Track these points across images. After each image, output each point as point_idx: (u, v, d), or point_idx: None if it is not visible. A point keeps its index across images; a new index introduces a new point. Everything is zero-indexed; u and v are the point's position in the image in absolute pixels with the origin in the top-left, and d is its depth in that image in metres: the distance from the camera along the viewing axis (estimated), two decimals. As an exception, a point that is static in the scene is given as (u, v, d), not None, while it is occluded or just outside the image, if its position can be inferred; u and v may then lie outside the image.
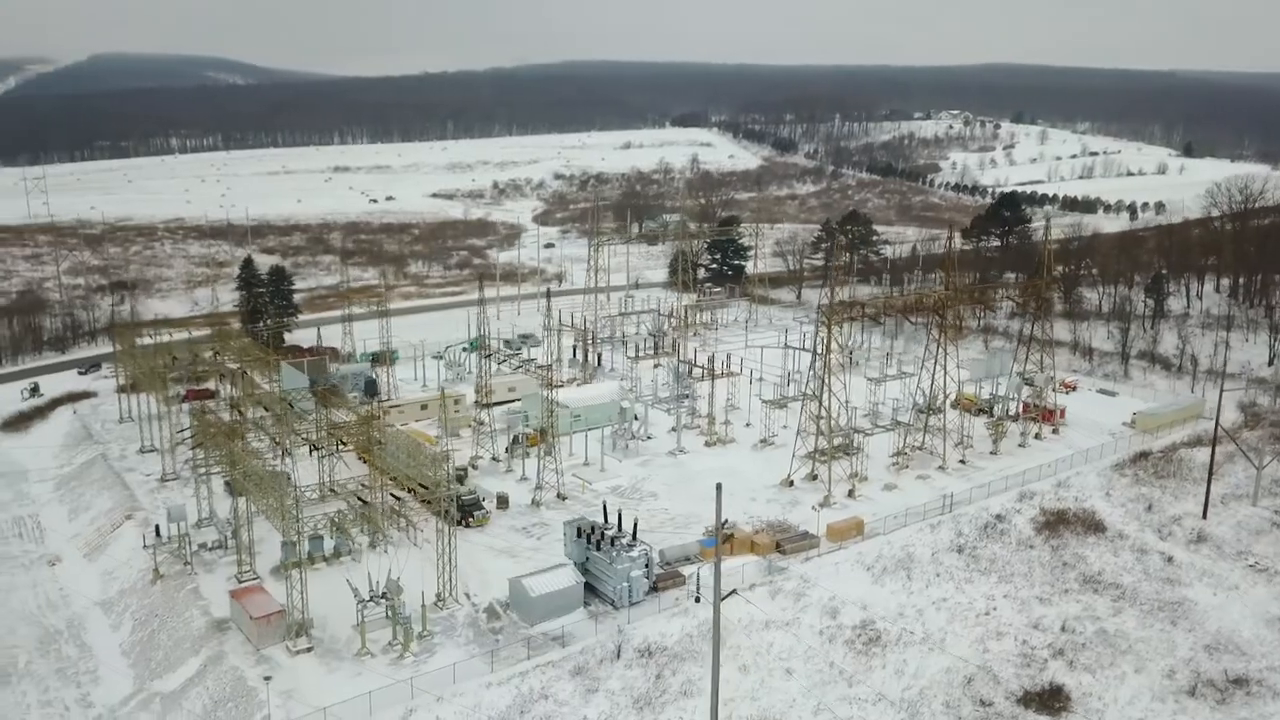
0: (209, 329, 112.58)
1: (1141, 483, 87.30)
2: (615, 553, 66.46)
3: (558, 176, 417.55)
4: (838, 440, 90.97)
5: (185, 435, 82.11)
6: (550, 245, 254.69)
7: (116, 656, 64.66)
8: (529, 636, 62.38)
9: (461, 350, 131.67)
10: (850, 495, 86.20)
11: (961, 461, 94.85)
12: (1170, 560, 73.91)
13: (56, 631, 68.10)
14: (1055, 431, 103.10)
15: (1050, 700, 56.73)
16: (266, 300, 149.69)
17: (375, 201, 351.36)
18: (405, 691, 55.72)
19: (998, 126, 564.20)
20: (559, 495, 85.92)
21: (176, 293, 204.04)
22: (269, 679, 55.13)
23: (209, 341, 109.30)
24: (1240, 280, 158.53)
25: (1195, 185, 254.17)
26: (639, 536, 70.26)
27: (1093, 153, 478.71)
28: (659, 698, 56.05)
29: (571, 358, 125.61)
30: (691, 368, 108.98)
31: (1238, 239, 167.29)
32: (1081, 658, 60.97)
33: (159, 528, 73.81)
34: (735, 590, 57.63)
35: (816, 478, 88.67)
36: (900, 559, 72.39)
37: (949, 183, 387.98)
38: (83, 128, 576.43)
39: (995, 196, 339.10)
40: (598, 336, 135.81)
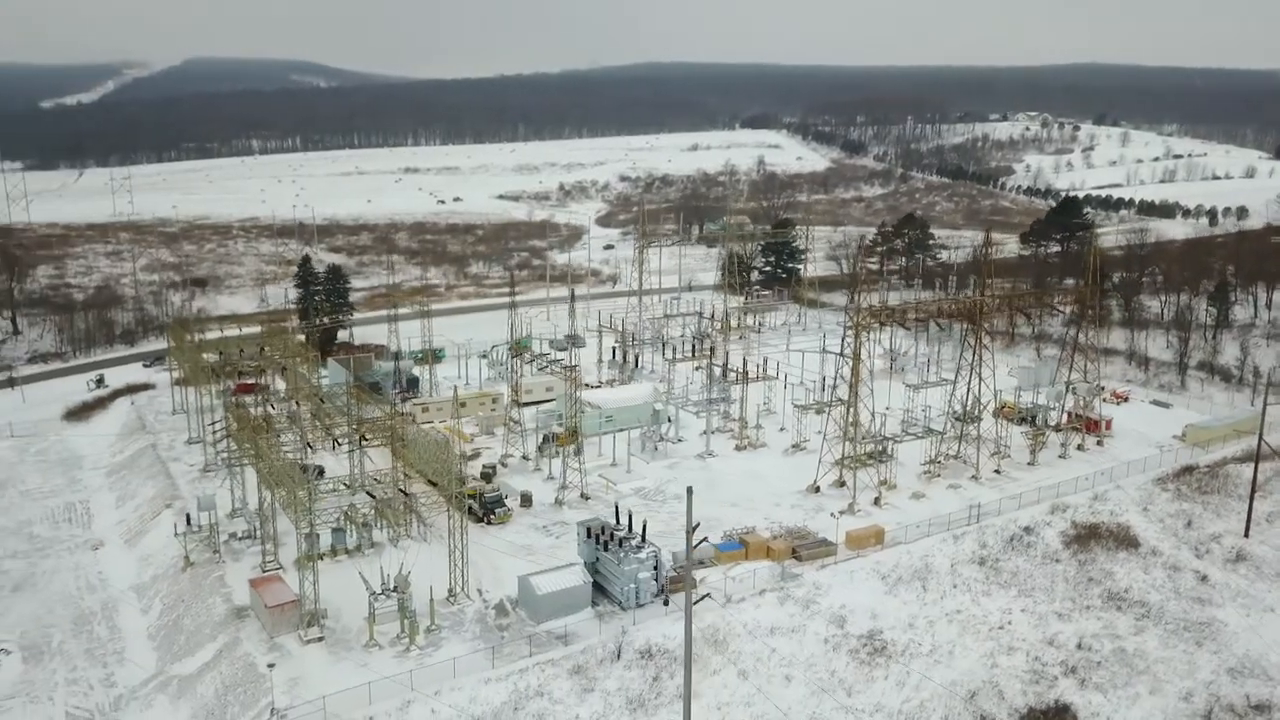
0: (260, 326, 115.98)
1: (1183, 498, 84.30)
2: (623, 554, 66.73)
3: (623, 178, 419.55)
4: (869, 447, 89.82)
5: (218, 427, 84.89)
6: (610, 247, 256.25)
7: (143, 639, 67.25)
8: (533, 634, 63.04)
9: (506, 349, 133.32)
10: (876, 503, 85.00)
11: (996, 472, 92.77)
12: (1204, 579, 71.34)
13: (91, 613, 71.06)
14: (1100, 443, 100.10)
15: (1055, 719, 55.27)
16: (323, 298, 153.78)
17: (443, 202, 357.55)
18: (405, 684, 56.81)
19: (1077, 128, 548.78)
20: (582, 495, 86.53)
21: (245, 289, 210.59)
22: (272, 666, 56.77)
23: (258, 338, 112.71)
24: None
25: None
26: (652, 538, 70.40)
27: (1176, 156, 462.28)
28: (654, 700, 56.16)
29: (610, 359, 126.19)
30: (725, 371, 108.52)
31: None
32: (1094, 676, 59.27)
33: (189, 516, 76.56)
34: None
35: (844, 484, 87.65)
36: (917, 569, 71.18)
37: (1020, 186, 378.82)
38: (171, 129, 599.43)
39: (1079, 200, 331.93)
40: (638, 338, 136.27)
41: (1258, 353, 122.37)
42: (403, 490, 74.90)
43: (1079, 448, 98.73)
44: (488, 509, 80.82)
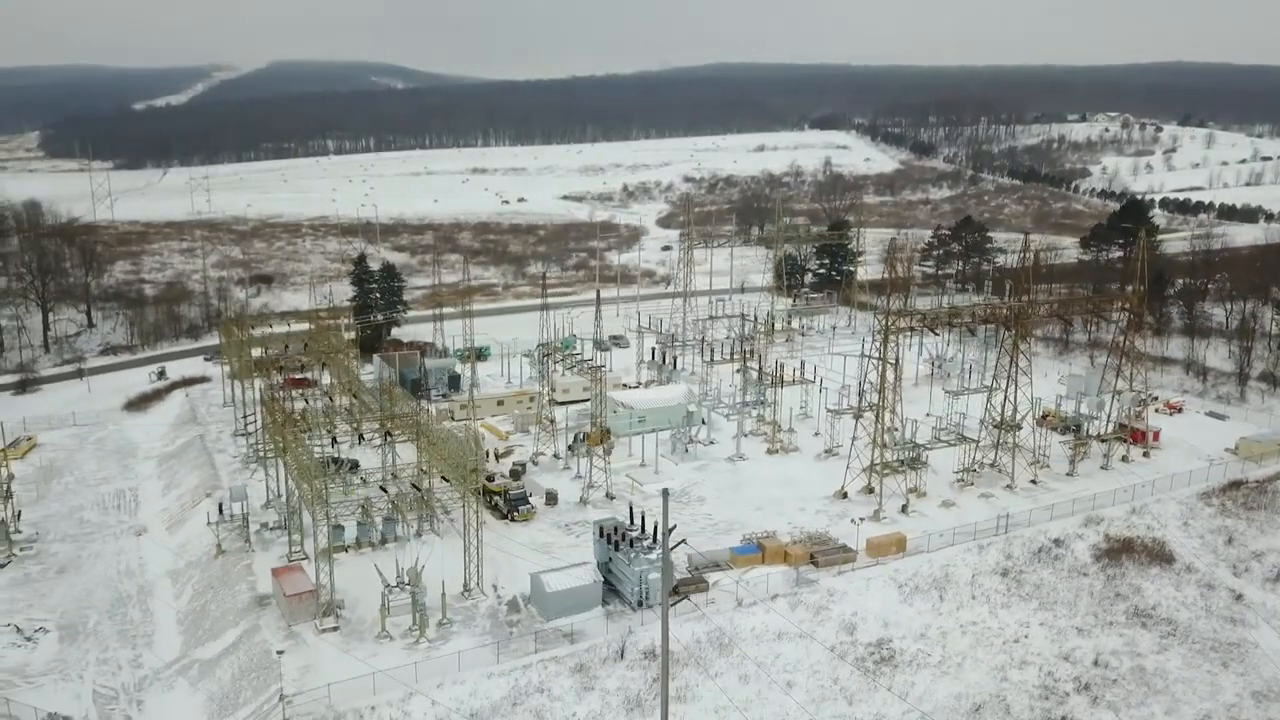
0: (309, 323, 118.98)
1: (1227, 514, 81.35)
2: (634, 554, 67.02)
3: (687, 179, 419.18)
4: (902, 454, 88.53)
5: (251, 420, 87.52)
6: (667, 248, 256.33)
7: (172, 623, 69.76)
8: (542, 631, 63.74)
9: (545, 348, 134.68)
10: (903, 510, 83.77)
11: (1033, 482, 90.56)
12: (1239, 598, 68.87)
13: (128, 596, 73.96)
14: (1146, 454, 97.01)
15: (1061, 736, 53.98)
16: (377, 296, 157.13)
17: (507, 203, 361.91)
18: (410, 675, 57.96)
19: (1159, 129, 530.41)
20: (608, 495, 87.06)
21: (309, 287, 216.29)
22: (281, 653, 58.47)
23: (304, 335, 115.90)
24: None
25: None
26: (669, 540, 70.46)
27: (1265, 158, 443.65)
28: (651, 700, 56.27)
29: (650, 360, 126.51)
30: (760, 374, 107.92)
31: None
32: (1108, 694, 57.65)
33: (221, 506, 79.17)
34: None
35: (873, 491, 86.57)
36: (936, 579, 70.01)
37: (1095, 189, 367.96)
38: (251, 130, 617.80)
39: (1145, 203, 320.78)
40: (679, 339, 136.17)
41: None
42: (415, 485, 76.25)
43: (1123, 459, 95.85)
44: (512, 506, 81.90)
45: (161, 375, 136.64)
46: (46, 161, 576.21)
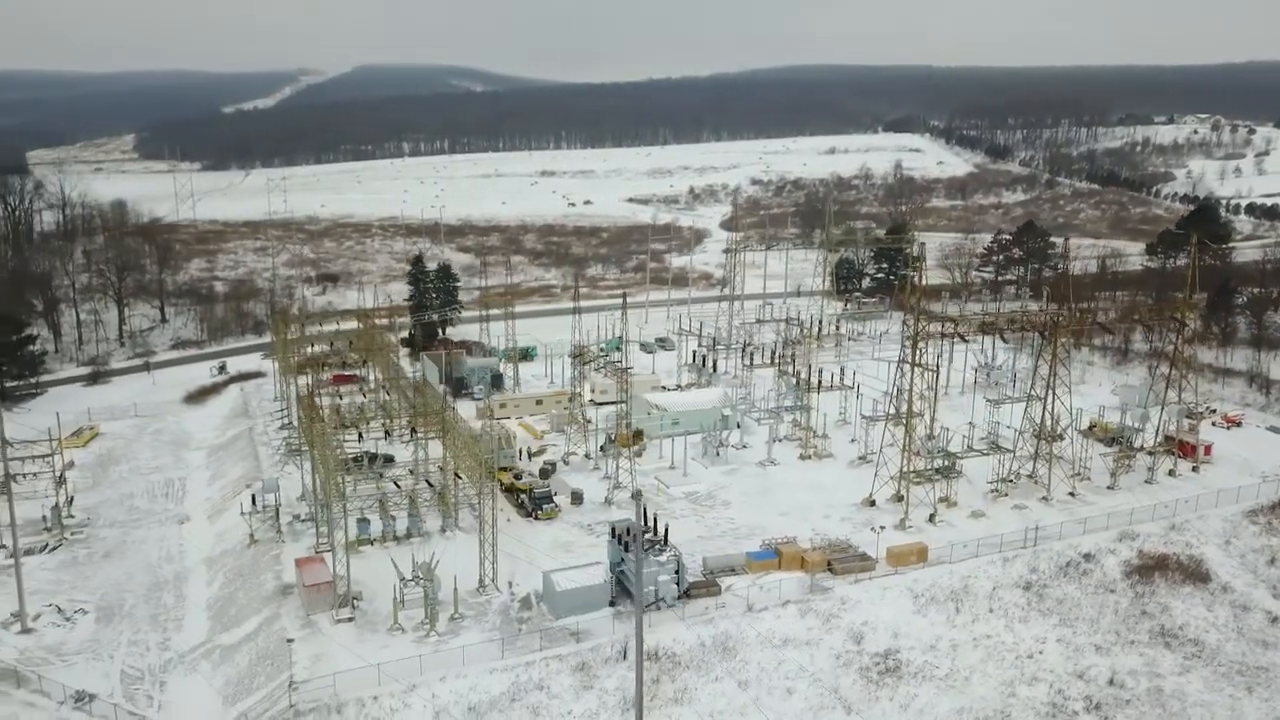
0: (357, 321, 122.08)
1: (1274, 532, 78.23)
2: (644, 556, 67.19)
3: (754, 182, 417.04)
4: (934, 462, 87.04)
5: (283, 415, 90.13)
6: (729, 251, 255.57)
7: (202, 609, 72.41)
8: (549, 629, 64.44)
9: (598, 350, 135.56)
10: (930, 520, 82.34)
11: (1070, 494, 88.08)
12: (1275, 620, 66.17)
13: (164, 581, 76.97)
14: (1195, 469, 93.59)
15: (1064, 755, 52.60)
16: (433, 296, 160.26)
17: (573, 205, 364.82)
18: (415, 667, 59.21)
19: (1251, 132, 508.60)
20: (632, 496, 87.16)
21: (373, 285, 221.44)
22: (291, 641, 60.27)
23: (351, 334, 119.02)
24: None
25: None
26: (690, 543, 70.74)
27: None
28: (649, 702, 56.46)
29: (690, 362, 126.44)
30: (798, 379, 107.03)
31: None
32: (1119, 715, 56.01)
33: (254, 497, 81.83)
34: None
35: (902, 499, 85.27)
36: (954, 590, 68.78)
37: (1177, 194, 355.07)
38: (332, 133, 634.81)
39: (1231, 209, 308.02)
40: (720, 342, 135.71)
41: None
42: (429, 482, 77.66)
43: (1170, 473, 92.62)
44: (536, 504, 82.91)
45: (222, 370, 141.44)
46: (140, 163, 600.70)
